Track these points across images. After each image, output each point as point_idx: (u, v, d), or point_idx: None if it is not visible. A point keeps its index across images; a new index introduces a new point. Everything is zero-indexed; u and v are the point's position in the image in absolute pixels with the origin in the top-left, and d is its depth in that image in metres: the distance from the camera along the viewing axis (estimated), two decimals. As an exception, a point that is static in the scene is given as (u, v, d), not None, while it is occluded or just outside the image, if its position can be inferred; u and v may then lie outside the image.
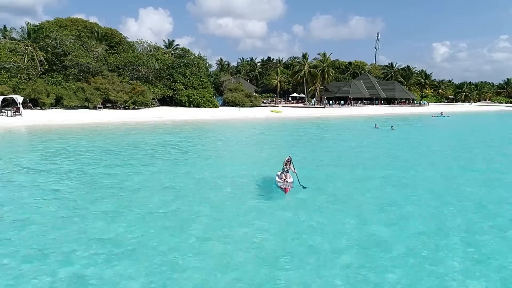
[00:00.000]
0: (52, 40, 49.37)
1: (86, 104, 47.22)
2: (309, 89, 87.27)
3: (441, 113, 63.13)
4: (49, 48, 49.50)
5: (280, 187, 11.99)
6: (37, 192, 11.91)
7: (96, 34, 59.42)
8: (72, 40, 51.22)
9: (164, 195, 11.81)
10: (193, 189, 12.76)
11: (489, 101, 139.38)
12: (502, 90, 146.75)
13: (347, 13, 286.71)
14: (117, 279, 6.57)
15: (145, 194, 11.90)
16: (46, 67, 48.89)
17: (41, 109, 44.89)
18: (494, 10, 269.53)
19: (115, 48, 59.27)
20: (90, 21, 64.48)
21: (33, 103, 46.31)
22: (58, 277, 6.61)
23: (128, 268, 6.94)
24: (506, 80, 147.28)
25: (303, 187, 12.66)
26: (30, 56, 47.29)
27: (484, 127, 46.84)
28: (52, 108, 45.46)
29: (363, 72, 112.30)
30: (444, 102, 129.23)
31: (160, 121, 40.00)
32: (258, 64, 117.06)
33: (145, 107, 52.36)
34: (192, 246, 7.99)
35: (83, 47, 52.15)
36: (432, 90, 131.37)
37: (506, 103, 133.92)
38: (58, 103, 46.33)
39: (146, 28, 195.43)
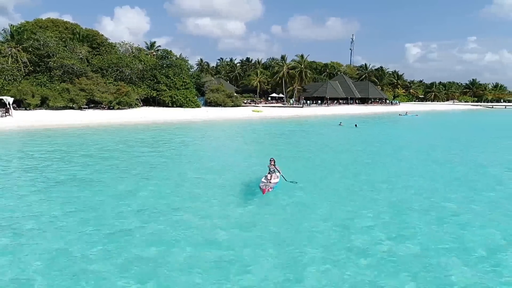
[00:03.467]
0: (34, 41, 49.87)
1: (71, 104, 48.05)
2: (288, 90, 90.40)
3: (406, 113, 67.54)
4: (30, 49, 49.91)
5: (259, 187, 12.07)
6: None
7: (77, 36, 60.05)
8: (55, 42, 51.76)
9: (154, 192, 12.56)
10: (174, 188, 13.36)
11: (456, 100, 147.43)
12: (468, 90, 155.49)
13: (323, 14, 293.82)
14: None
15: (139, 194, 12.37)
16: (31, 68, 49.36)
17: (26, 109, 45.45)
18: (463, 12, 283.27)
19: (97, 49, 60.08)
20: (71, 22, 65.05)
21: (17, 104, 46.72)
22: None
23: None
24: (471, 80, 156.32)
25: (293, 182, 13.16)
26: (14, 57, 47.66)
27: (441, 123, 51.43)
28: (37, 109, 46.07)
29: (339, 73, 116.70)
30: (415, 101, 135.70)
31: (149, 121, 41.76)
32: (238, 64, 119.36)
33: (129, 108, 53.60)
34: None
35: (67, 49, 52.82)
36: (403, 90, 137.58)
37: (471, 102, 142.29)
38: (43, 104, 46.99)
39: (123, 28, 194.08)
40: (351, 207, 11.18)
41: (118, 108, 51.39)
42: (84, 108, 48.75)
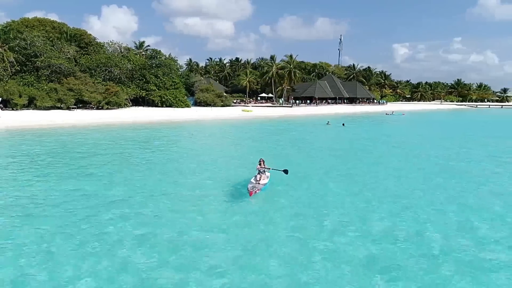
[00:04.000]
0: (21, 40, 49.27)
1: (59, 104, 47.63)
2: (277, 89, 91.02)
3: (392, 112, 68.93)
4: (17, 48, 49.27)
5: (247, 189, 11.93)
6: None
7: (65, 35, 59.47)
8: (42, 41, 51.21)
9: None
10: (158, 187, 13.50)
11: (444, 100, 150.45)
12: (453, 90, 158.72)
13: (312, 14, 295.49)
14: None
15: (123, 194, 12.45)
16: (17, 68, 48.74)
17: (13, 109, 44.90)
18: (449, 13, 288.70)
19: (85, 49, 59.61)
20: (58, 21, 64.37)
21: (4, 104, 46.10)
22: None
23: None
24: (456, 80, 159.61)
25: (285, 171, 13.24)
26: (0, 57, 47.00)
27: (425, 121, 52.78)
28: (24, 109, 45.54)
29: (327, 73, 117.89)
30: (401, 101, 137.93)
31: (140, 121, 41.79)
32: (227, 64, 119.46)
33: (118, 108, 53.36)
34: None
35: (54, 48, 52.31)
36: (391, 90, 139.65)
37: (457, 101, 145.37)
38: (30, 104, 46.47)
39: (111, 27, 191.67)
40: (328, 207, 11.48)
41: (107, 108, 51.13)
42: (73, 108, 48.39)
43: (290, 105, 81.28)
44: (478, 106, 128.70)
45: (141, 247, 8.24)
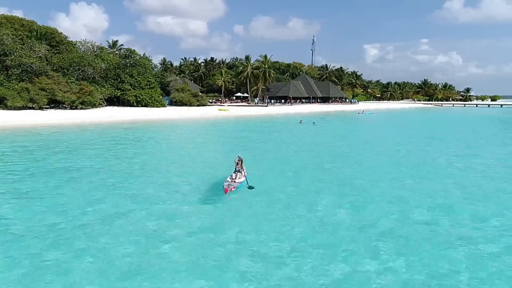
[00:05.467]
0: (-11, 38, 47.82)
1: (30, 104, 46.62)
2: (252, 89, 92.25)
3: (363, 112, 71.93)
4: (-16, 47, 47.80)
5: (223, 186, 12.05)
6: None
7: (35, 33, 58.04)
8: (12, 40, 49.87)
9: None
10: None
11: (410, 99, 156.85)
12: (420, 90, 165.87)
13: (285, 15, 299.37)
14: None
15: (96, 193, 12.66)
16: (-15, 67, 47.28)
17: (-19, 110, 43.61)
18: (416, 15, 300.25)
19: (56, 48, 58.43)
20: (27, 19, 62.55)
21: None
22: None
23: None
24: (423, 80, 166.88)
25: (250, 188, 12.88)
26: (-33, 55, 45.47)
27: (389, 118, 55.70)
28: (-8, 109, 44.33)
29: (301, 73, 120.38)
30: (372, 100, 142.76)
31: (118, 120, 41.79)
32: (202, 64, 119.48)
33: (92, 107, 52.76)
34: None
35: (25, 47, 51.05)
36: (362, 90, 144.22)
37: (424, 100, 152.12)
38: (0, 104, 45.23)
39: (80, 25, 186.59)
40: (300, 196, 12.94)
41: (82, 108, 50.49)
42: (46, 108, 47.51)
43: (266, 105, 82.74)
44: (443, 105, 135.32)
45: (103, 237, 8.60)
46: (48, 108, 47.91)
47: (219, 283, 7.05)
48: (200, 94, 79.22)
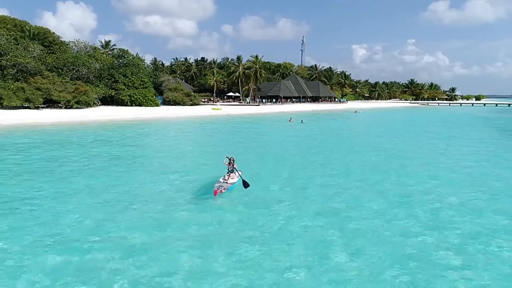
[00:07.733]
0: (-17, 39, 48.16)
1: (26, 104, 47.12)
2: (244, 89, 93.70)
3: (356, 111, 73.98)
4: (-23, 47, 48.10)
5: (213, 188, 11.52)
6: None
7: (28, 33, 58.42)
8: (6, 39, 50.23)
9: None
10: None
11: (397, 99, 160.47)
12: (407, 89, 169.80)
13: (274, 15, 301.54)
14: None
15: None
16: (-20, 67, 47.61)
17: (-23, 109, 43.99)
18: (403, 16, 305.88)
19: (50, 48, 58.86)
20: (19, 19, 62.74)
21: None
22: None
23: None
24: (410, 80, 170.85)
25: (245, 184, 12.08)
26: (-38, 55, 45.75)
27: (374, 116, 57.88)
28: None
29: (291, 73, 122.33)
30: (361, 99, 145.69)
31: (115, 119, 42.67)
32: (193, 64, 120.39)
33: (87, 107, 53.42)
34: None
35: (19, 47, 51.47)
36: (351, 89, 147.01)
37: (411, 100, 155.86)
38: (-5, 104, 45.66)
39: (67, 24, 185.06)
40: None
41: (77, 107, 51.16)
42: (42, 107, 48.08)
43: (257, 104, 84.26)
44: (429, 104, 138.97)
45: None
46: (44, 107, 48.48)
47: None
48: (193, 93, 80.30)
